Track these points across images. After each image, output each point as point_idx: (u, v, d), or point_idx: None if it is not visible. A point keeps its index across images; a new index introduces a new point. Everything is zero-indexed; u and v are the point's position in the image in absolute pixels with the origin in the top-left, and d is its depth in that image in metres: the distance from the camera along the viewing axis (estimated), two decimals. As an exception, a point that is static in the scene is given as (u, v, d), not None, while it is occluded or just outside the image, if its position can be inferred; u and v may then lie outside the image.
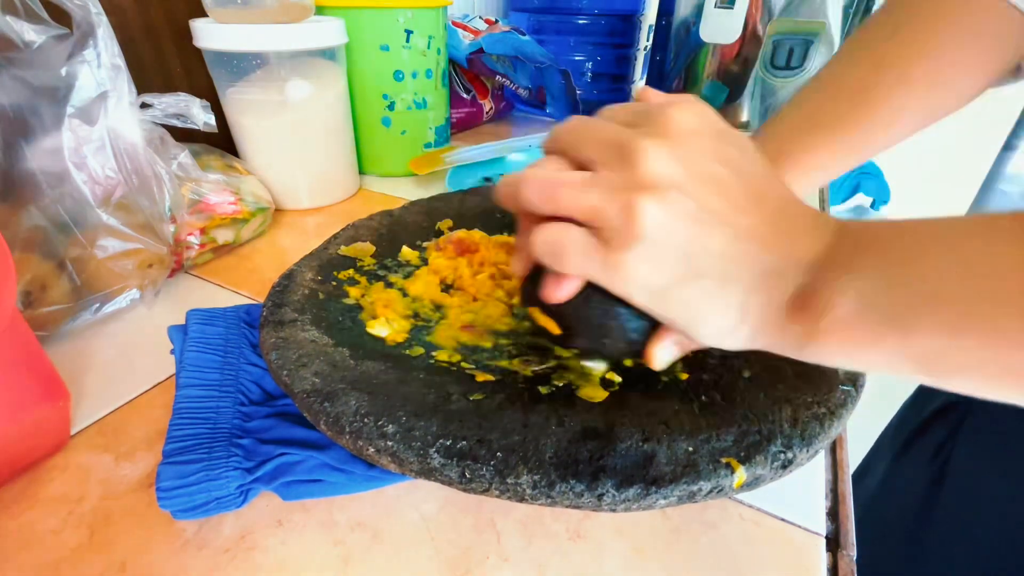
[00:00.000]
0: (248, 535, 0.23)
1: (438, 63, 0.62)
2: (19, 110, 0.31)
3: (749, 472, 0.20)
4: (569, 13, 0.88)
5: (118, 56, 0.34)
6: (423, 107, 0.62)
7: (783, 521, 0.25)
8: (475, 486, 0.20)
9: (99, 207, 0.34)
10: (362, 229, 0.38)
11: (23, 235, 0.31)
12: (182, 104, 0.37)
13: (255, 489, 0.24)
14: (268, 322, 0.28)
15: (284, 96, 0.48)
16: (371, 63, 0.57)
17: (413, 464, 0.20)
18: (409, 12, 0.56)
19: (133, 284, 0.37)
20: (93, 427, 0.28)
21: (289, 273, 0.32)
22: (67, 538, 0.23)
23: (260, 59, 0.47)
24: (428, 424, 0.21)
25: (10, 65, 0.31)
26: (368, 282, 0.34)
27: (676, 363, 0.27)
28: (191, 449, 0.24)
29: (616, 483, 0.19)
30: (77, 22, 0.33)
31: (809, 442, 0.21)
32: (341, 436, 0.21)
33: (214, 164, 0.47)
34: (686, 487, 0.19)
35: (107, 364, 0.33)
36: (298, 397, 0.23)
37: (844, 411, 0.22)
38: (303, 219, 0.53)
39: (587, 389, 0.25)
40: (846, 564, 0.23)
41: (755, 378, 0.25)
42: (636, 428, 0.22)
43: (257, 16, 0.45)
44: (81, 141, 0.33)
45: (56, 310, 0.33)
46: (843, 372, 0.24)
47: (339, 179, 0.57)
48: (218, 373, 0.29)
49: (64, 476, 0.26)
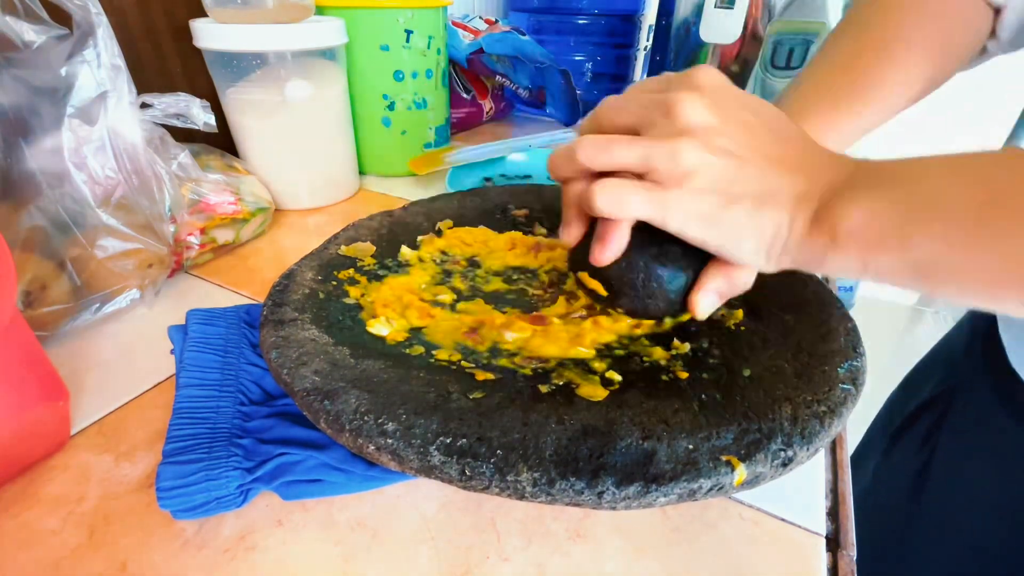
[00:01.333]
0: (248, 535, 0.23)
1: (438, 63, 0.62)
2: (19, 110, 0.31)
3: (749, 470, 0.20)
4: (569, 13, 0.88)
5: (118, 56, 0.34)
6: (423, 107, 0.62)
7: (783, 521, 0.25)
8: (475, 484, 0.20)
9: (99, 207, 0.34)
10: (362, 229, 0.38)
11: (23, 235, 0.31)
12: (182, 104, 0.37)
13: (255, 489, 0.24)
14: (268, 321, 0.28)
15: (284, 96, 0.48)
16: (371, 63, 0.57)
17: (413, 462, 0.20)
18: (409, 12, 0.56)
19: (133, 284, 0.37)
20: (93, 427, 0.28)
21: (289, 273, 0.32)
22: (67, 538, 0.23)
23: (260, 59, 0.47)
24: (428, 422, 0.21)
25: (10, 65, 0.31)
26: (368, 282, 0.34)
27: (676, 362, 0.27)
28: (191, 449, 0.24)
29: (616, 481, 0.19)
30: (77, 22, 0.33)
31: (809, 440, 0.21)
32: (341, 434, 0.21)
33: (214, 164, 0.47)
34: (686, 485, 0.19)
35: (107, 364, 0.33)
36: (298, 395, 0.23)
37: (844, 409, 0.22)
38: (303, 219, 0.53)
39: (587, 387, 0.25)
40: (846, 564, 0.23)
41: (755, 377, 0.25)
42: (636, 426, 0.22)
43: (257, 16, 0.45)
44: (81, 141, 0.33)
45: (56, 310, 0.33)
46: (843, 372, 0.24)
47: (339, 179, 0.57)
48: (218, 373, 0.29)
49: (64, 476, 0.26)
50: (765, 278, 0.32)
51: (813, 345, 0.26)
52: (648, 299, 0.26)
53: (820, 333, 0.27)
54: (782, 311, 0.29)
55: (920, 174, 0.20)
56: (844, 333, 0.26)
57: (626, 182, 0.23)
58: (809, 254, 0.21)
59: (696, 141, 0.21)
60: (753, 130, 0.22)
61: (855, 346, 0.26)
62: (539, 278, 0.35)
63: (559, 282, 0.34)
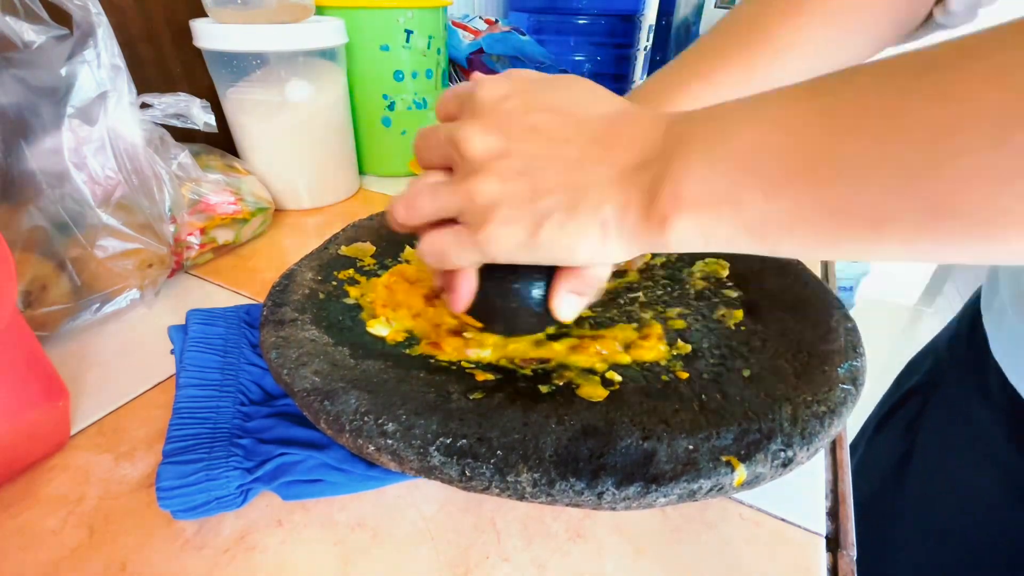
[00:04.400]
0: (248, 535, 0.23)
1: (438, 63, 0.62)
2: (19, 110, 0.31)
3: (749, 470, 0.20)
4: (569, 13, 0.88)
5: (118, 56, 0.34)
6: (423, 107, 0.62)
7: (783, 521, 0.25)
8: (475, 484, 0.20)
9: (99, 207, 0.34)
10: (362, 229, 0.38)
11: (23, 235, 0.31)
12: (182, 104, 0.37)
13: (255, 489, 0.24)
14: (268, 321, 0.28)
15: (284, 96, 0.48)
16: (371, 63, 0.57)
17: (413, 462, 0.20)
18: (409, 12, 0.56)
19: (133, 284, 0.37)
20: (93, 427, 0.28)
21: (289, 273, 0.32)
22: (67, 538, 0.23)
23: (260, 59, 0.47)
24: (428, 422, 0.21)
25: (10, 65, 0.31)
26: (368, 282, 0.34)
27: (676, 362, 0.27)
28: (191, 449, 0.24)
29: (616, 481, 0.19)
30: (77, 22, 0.33)
31: (809, 440, 0.21)
32: (341, 434, 0.21)
33: (214, 164, 0.47)
34: (686, 485, 0.19)
35: (107, 364, 0.33)
36: (298, 396, 0.23)
37: (844, 409, 0.22)
38: (303, 219, 0.53)
39: (587, 388, 0.25)
40: (846, 564, 0.23)
41: (755, 377, 0.25)
42: (636, 426, 0.22)
43: (257, 16, 0.45)
44: (81, 141, 0.33)
45: (56, 310, 0.33)
46: (843, 372, 0.24)
47: (339, 179, 0.57)
48: (218, 373, 0.29)
49: (64, 476, 0.26)
50: (765, 278, 0.32)
51: (813, 345, 0.26)
52: (515, 319, 0.27)
53: (820, 333, 0.27)
54: (782, 311, 0.29)
55: (730, 130, 0.18)
56: (844, 333, 0.26)
57: (443, 235, 0.23)
58: (648, 236, 0.20)
59: (486, 176, 0.21)
60: (544, 132, 0.21)
61: (855, 346, 0.26)
62: None
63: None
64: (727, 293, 0.32)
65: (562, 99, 0.22)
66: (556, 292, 0.25)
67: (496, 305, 0.26)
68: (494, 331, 0.28)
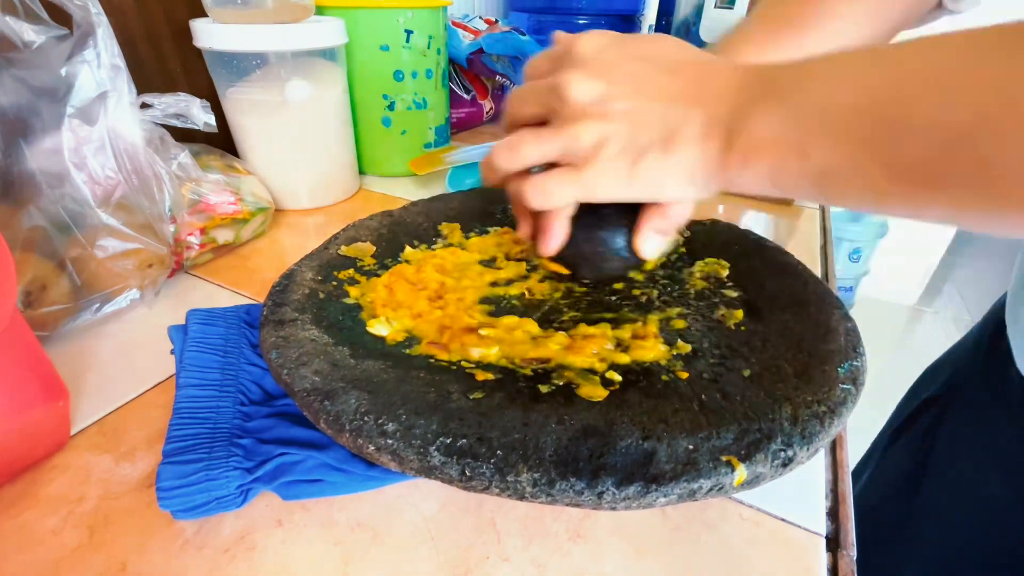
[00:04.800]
0: (248, 535, 0.23)
1: (438, 63, 0.62)
2: (19, 110, 0.31)
3: (749, 470, 0.20)
4: (569, 13, 0.88)
5: (118, 56, 0.34)
6: (423, 107, 0.62)
7: (783, 521, 0.25)
8: (475, 484, 0.20)
9: (99, 207, 0.34)
10: (362, 229, 0.38)
11: (23, 235, 0.31)
12: (182, 104, 0.37)
13: (255, 489, 0.24)
14: (268, 321, 0.28)
15: (284, 96, 0.48)
16: (371, 63, 0.57)
17: (413, 462, 0.20)
18: (409, 12, 0.56)
19: (133, 284, 0.37)
20: (93, 427, 0.28)
21: (289, 273, 0.32)
22: (67, 538, 0.23)
23: (260, 59, 0.47)
24: (428, 422, 0.21)
25: (10, 65, 0.31)
26: (368, 282, 0.34)
27: (676, 362, 0.27)
28: (191, 449, 0.24)
29: (616, 481, 0.19)
30: (77, 22, 0.33)
31: (809, 440, 0.21)
32: (341, 434, 0.21)
33: (214, 164, 0.47)
34: (686, 485, 0.19)
35: (107, 364, 0.33)
36: (298, 396, 0.23)
37: (844, 409, 0.22)
38: (303, 219, 0.53)
39: (587, 388, 0.25)
40: (846, 564, 0.23)
41: (755, 377, 0.25)
42: (636, 426, 0.22)
43: (257, 16, 0.45)
44: (81, 141, 0.33)
45: (56, 310, 0.33)
46: (843, 372, 0.24)
47: (339, 179, 0.57)
48: (218, 373, 0.29)
49: (64, 476, 0.26)
50: (765, 278, 0.32)
51: (813, 345, 0.26)
52: (603, 263, 0.29)
53: (820, 333, 0.27)
54: (782, 311, 0.29)
55: (808, 84, 0.20)
56: (844, 333, 0.26)
57: (548, 175, 0.24)
58: (727, 176, 0.22)
59: (592, 117, 0.23)
60: (643, 78, 0.23)
61: (855, 346, 0.26)
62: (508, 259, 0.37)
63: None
64: (727, 293, 0.32)
65: (654, 50, 0.24)
66: (642, 230, 0.27)
67: (584, 251, 0.29)
68: (582, 276, 0.32)
